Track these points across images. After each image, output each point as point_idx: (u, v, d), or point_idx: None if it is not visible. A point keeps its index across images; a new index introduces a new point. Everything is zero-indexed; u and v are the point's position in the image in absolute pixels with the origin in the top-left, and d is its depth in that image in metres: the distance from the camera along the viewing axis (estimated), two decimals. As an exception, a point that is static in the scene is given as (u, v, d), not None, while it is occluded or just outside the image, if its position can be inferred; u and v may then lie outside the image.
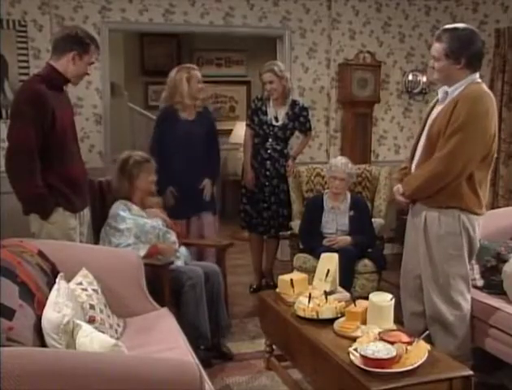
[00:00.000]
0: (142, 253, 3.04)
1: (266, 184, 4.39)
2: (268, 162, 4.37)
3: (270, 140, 4.36)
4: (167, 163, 3.81)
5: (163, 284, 2.97)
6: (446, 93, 2.79)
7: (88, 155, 4.75)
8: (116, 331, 2.48)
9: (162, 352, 2.26)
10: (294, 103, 4.42)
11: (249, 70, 7.61)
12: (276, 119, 4.37)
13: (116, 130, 5.35)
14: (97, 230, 3.31)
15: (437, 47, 2.72)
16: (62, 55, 2.83)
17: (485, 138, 2.71)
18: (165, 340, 2.44)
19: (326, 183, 4.26)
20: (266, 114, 4.36)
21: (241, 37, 5.46)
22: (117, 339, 2.29)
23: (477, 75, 2.76)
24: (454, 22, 5.37)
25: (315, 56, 5.26)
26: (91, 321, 2.30)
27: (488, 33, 5.16)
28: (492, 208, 4.78)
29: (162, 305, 2.82)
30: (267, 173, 4.38)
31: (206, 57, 7.40)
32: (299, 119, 4.42)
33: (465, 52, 2.67)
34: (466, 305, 2.91)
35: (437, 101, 2.92)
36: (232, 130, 6.94)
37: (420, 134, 2.97)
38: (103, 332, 2.19)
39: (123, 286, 2.70)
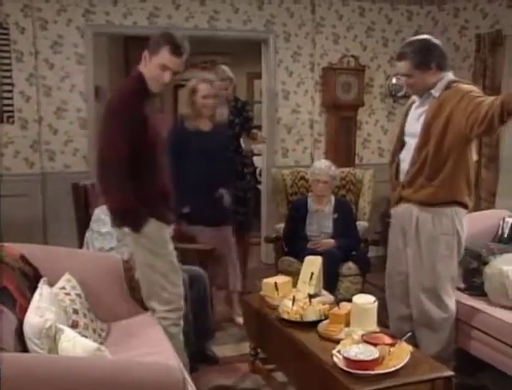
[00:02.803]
0: (126, 256, 3.02)
1: None
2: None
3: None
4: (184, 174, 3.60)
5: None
6: (429, 94, 2.86)
7: (72, 159, 4.74)
8: (100, 335, 2.47)
9: (146, 356, 2.25)
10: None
11: (233, 73, 7.58)
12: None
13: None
14: (82, 234, 3.30)
15: (404, 65, 2.82)
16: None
17: None
18: (149, 344, 2.43)
19: (310, 186, 4.28)
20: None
21: (226, 41, 5.46)
22: (101, 343, 2.28)
23: (451, 73, 2.88)
24: (436, 27, 5.50)
25: (299, 60, 5.29)
26: (74, 326, 2.29)
27: (469, 38, 5.23)
28: (475, 211, 4.84)
29: (146, 309, 2.81)
30: None
31: (190, 60, 7.35)
32: None
33: (431, 57, 2.80)
34: (453, 307, 2.96)
35: (412, 103, 3.03)
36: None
37: (400, 135, 3.05)
38: (86, 337, 2.18)
39: (106, 290, 2.69)
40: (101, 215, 3.18)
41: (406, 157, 2.97)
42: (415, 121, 2.93)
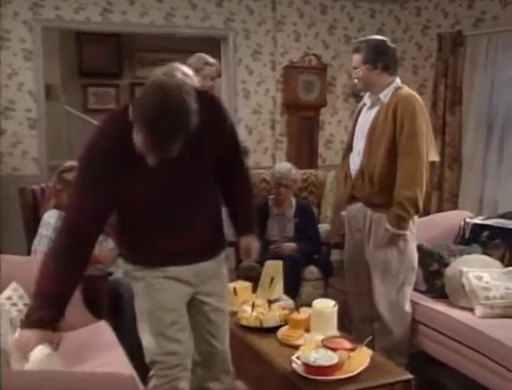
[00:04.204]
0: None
1: None
2: None
3: None
4: None
5: (101, 296, 2.94)
6: (378, 98, 3.03)
7: (21, 161, 4.66)
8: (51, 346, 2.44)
9: (100, 367, 2.24)
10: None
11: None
12: None
13: (52, 135, 5.26)
14: (30, 241, 3.25)
15: (356, 57, 3.05)
16: None
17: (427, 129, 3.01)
18: (103, 355, 2.42)
19: (272, 188, 4.32)
20: None
21: (185, 38, 5.47)
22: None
23: (398, 79, 3.06)
24: (399, 25, 5.64)
25: (260, 58, 5.34)
26: (22, 337, 2.26)
27: (431, 37, 5.38)
28: (438, 212, 4.98)
29: (101, 318, 2.80)
30: None
31: (148, 58, 7.36)
32: None
33: (380, 57, 2.99)
34: (408, 302, 3.15)
35: (363, 105, 3.19)
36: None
37: (351, 137, 3.23)
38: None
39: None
40: (50, 220, 3.15)
41: (356, 158, 3.11)
42: (364, 124, 3.09)
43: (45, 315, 1.88)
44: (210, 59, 3.70)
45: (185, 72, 2.84)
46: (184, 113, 1.72)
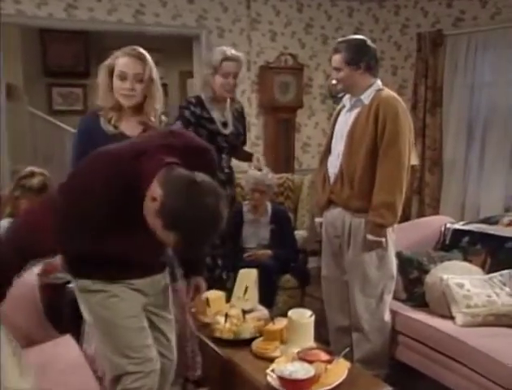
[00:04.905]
0: (36, 270, 2.95)
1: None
2: (228, 187, 3.54)
3: (223, 154, 3.52)
4: None
5: (62, 307, 2.89)
6: (359, 100, 3.05)
7: (-20, 166, 4.58)
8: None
9: (64, 385, 2.22)
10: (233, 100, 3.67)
11: (165, 72, 7.59)
12: (225, 124, 3.54)
13: (14, 137, 5.18)
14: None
15: (337, 58, 3.05)
16: None
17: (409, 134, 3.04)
18: (67, 372, 2.39)
19: (246, 194, 4.32)
20: (213, 121, 3.47)
21: (155, 37, 5.44)
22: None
23: (379, 81, 3.09)
24: (377, 24, 5.69)
25: (234, 58, 5.33)
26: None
27: (410, 37, 5.46)
28: (418, 217, 5.04)
29: (65, 332, 2.76)
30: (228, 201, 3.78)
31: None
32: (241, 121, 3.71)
33: (363, 57, 3.02)
34: (387, 312, 3.17)
35: (342, 107, 3.22)
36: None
37: (329, 141, 3.24)
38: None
39: (17, 312, 2.61)
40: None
41: (335, 161, 3.13)
42: (344, 126, 3.11)
43: None
44: (231, 52, 3.39)
45: None
46: (222, 226, 1.80)
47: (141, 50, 2.56)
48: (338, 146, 3.12)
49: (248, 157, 4.01)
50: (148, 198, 1.78)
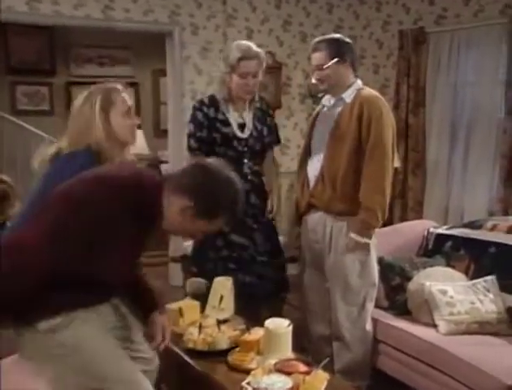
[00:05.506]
0: None
1: (255, 226, 3.40)
2: (253, 196, 3.37)
3: (245, 160, 3.35)
4: None
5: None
6: (341, 98, 3.10)
7: None
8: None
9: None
10: (262, 98, 3.51)
11: (136, 70, 7.59)
12: (242, 127, 3.33)
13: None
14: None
15: (319, 56, 3.07)
16: None
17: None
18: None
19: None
20: (228, 124, 3.31)
21: (126, 33, 5.43)
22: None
23: (359, 81, 3.15)
24: (358, 21, 5.76)
25: (209, 56, 5.36)
26: None
27: (392, 34, 5.53)
28: (401, 221, 5.09)
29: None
30: (254, 211, 3.37)
31: (85, 54, 7.30)
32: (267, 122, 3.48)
33: (346, 51, 3.08)
34: (369, 320, 3.20)
35: (322, 108, 3.27)
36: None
37: (308, 142, 3.28)
38: None
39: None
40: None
41: (315, 164, 3.16)
42: (325, 126, 3.13)
43: None
44: (250, 49, 3.20)
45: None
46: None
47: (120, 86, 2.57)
48: (319, 147, 3.15)
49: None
50: (173, 214, 2.00)
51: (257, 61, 3.20)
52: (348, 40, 3.17)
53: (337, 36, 3.20)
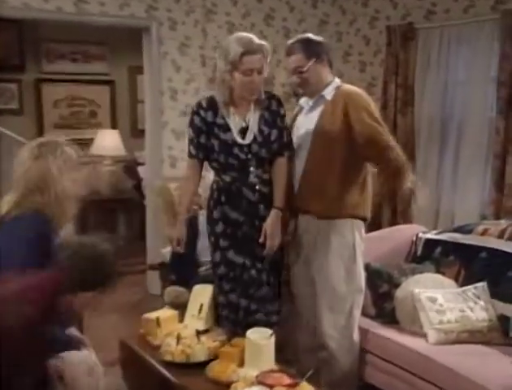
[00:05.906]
0: None
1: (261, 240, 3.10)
2: (261, 207, 3.12)
3: (251, 168, 3.10)
4: None
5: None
6: (321, 96, 3.11)
7: None
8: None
9: None
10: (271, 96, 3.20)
11: (112, 67, 7.55)
12: (244, 132, 3.08)
13: None
14: None
15: (295, 58, 3.11)
16: None
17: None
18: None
19: (202, 202, 4.32)
20: (228, 129, 3.08)
21: (101, 28, 5.40)
22: None
23: (337, 78, 3.20)
24: (344, 16, 5.79)
25: (188, 52, 5.36)
26: None
27: (380, 30, 5.55)
28: (390, 226, 5.11)
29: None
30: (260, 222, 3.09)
31: (57, 50, 7.22)
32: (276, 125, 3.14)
33: (321, 49, 3.12)
34: (356, 329, 3.21)
35: (300, 110, 3.31)
36: (92, 139, 6.85)
37: None
38: None
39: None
40: None
41: (297, 166, 3.16)
42: (307, 127, 3.14)
43: None
44: (253, 43, 2.97)
45: None
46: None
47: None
48: (299, 149, 3.16)
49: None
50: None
51: (261, 55, 2.95)
52: (320, 38, 3.21)
53: (308, 35, 3.21)
